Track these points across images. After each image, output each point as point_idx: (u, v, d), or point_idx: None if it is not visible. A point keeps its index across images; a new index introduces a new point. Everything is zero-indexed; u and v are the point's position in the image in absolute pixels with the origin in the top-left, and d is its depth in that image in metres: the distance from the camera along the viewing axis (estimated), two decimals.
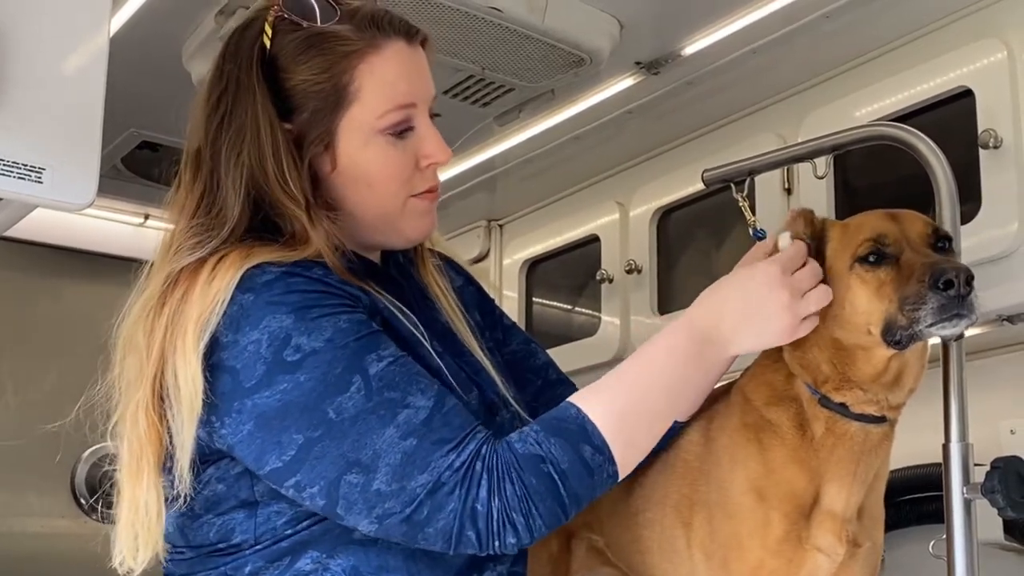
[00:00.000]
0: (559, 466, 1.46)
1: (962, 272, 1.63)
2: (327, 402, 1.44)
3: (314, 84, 1.59)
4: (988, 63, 2.43)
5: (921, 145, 1.95)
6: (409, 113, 1.63)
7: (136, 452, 1.54)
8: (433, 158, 1.66)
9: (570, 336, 3.61)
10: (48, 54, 1.86)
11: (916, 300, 1.64)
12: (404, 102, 1.62)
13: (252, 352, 1.46)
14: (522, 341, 1.95)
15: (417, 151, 1.65)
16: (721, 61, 2.80)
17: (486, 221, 3.92)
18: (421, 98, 1.64)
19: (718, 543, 1.84)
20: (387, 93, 1.60)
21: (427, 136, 1.65)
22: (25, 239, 3.50)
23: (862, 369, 1.76)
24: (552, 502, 1.46)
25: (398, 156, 1.63)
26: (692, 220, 3.24)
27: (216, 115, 1.62)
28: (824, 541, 1.80)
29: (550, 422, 1.51)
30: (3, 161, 1.78)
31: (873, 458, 1.82)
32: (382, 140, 1.62)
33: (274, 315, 1.46)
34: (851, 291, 1.73)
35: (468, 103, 2.95)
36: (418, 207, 1.68)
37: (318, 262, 1.56)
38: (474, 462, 1.44)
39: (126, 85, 2.06)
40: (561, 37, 2.62)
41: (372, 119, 1.60)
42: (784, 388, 1.84)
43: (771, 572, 1.80)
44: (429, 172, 1.67)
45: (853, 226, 1.79)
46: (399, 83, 1.61)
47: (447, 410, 1.48)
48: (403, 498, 1.43)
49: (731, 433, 1.87)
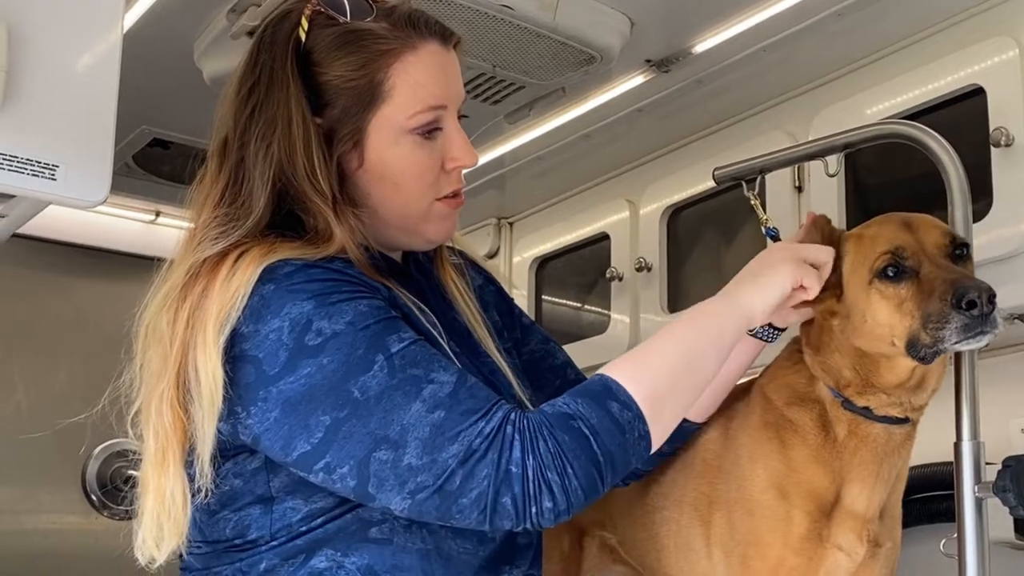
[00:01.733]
0: (589, 421, 1.46)
1: (984, 292, 1.62)
2: (351, 382, 1.44)
3: (348, 80, 1.60)
4: (1000, 61, 2.43)
5: (933, 143, 1.95)
6: (439, 115, 1.64)
7: (162, 442, 1.54)
8: (459, 161, 1.67)
9: (580, 334, 3.61)
10: (61, 52, 1.86)
11: (939, 319, 1.64)
12: (435, 103, 1.62)
13: (274, 340, 1.47)
14: (541, 341, 1.95)
15: (444, 153, 1.66)
16: (732, 59, 2.79)
17: (496, 219, 3.92)
18: (452, 100, 1.65)
19: (738, 540, 1.84)
20: (419, 94, 1.61)
21: (455, 139, 1.67)
22: (36, 236, 3.51)
23: (885, 377, 1.76)
24: (586, 459, 1.44)
25: (425, 157, 1.64)
26: (702, 218, 3.24)
27: (247, 106, 1.62)
28: (845, 540, 1.80)
29: (576, 390, 1.52)
30: (17, 158, 1.79)
31: (896, 458, 1.82)
32: (411, 140, 1.62)
33: (294, 302, 1.47)
34: (872, 306, 1.73)
35: (479, 101, 2.95)
36: (442, 211, 1.69)
37: (340, 257, 1.56)
38: (504, 426, 1.44)
39: (138, 83, 2.06)
40: (572, 35, 2.62)
41: (403, 119, 1.61)
42: (806, 390, 1.84)
43: (791, 570, 1.80)
44: (455, 175, 1.69)
45: (868, 237, 1.78)
46: (431, 84, 1.62)
47: (471, 384, 1.48)
48: (435, 470, 1.42)
49: (752, 431, 1.87)
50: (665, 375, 1.55)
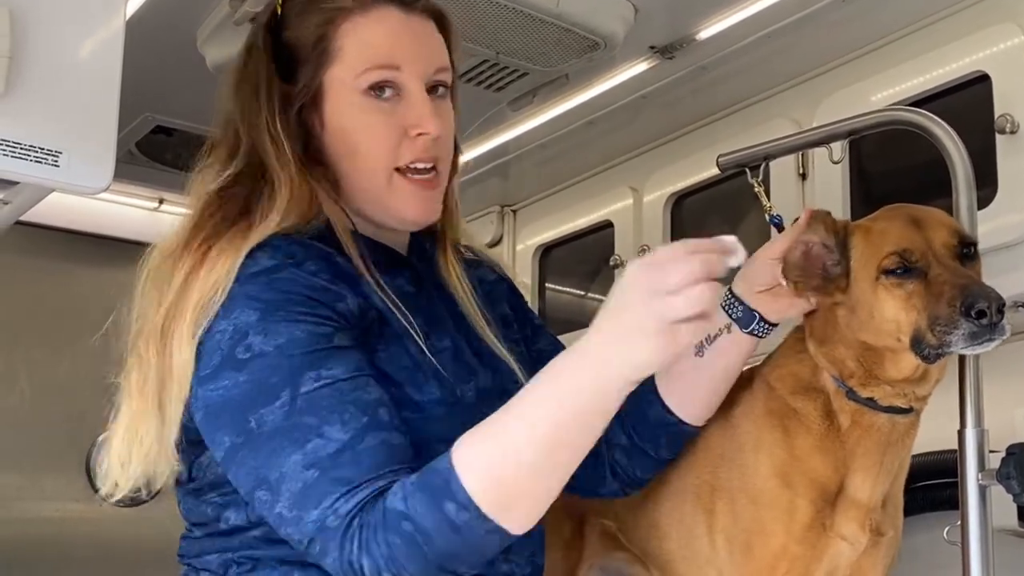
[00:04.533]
0: (422, 524, 1.35)
1: (994, 302, 1.61)
2: (252, 411, 1.43)
3: (304, 40, 1.63)
4: (1005, 47, 2.42)
5: (937, 130, 1.94)
6: (392, 75, 1.61)
7: (144, 373, 1.55)
8: (418, 127, 1.62)
9: (583, 322, 3.57)
10: (64, 39, 1.86)
11: (947, 323, 1.63)
12: (384, 62, 1.61)
13: (217, 341, 1.47)
14: (550, 342, 1.95)
15: (405, 119, 1.63)
16: (736, 46, 2.79)
17: (499, 206, 3.91)
18: (407, 62, 1.62)
19: (741, 528, 1.84)
20: (365, 53, 1.61)
21: (414, 103, 1.62)
22: (40, 223, 3.51)
23: (889, 371, 1.75)
24: (421, 562, 1.36)
25: (382, 120, 1.62)
26: (706, 206, 3.23)
27: (235, 84, 1.68)
28: (847, 529, 1.80)
29: (424, 473, 1.39)
30: (20, 145, 1.79)
31: (900, 448, 1.82)
32: (364, 101, 1.61)
33: (244, 308, 1.47)
34: (879, 302, 1.72)
35: (482, 88, 2.95)
36: (405, 186, 1.64)
37: (322, 250, 1.56)
38: (355, 514, 1.38)
39: (140, 70, 2.06)
40: (575, 21, 2.61)
41: (351, 78, 1.61)
42: (810, 379, 1.84)
43: (794, 558, 1.80)
44: (419, 144, 1.63)
45: (877, 232, 1.76)
46: (379, 44, 1.62)
47: (361, 448, 1.41)
48: (300, 528, 1.40)
49: (755, 420, 1.87)
50: (513, 464, 1.34)
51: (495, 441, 1.36)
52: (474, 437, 1.37)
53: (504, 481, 1.34)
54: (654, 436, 1.84)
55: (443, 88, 1.68)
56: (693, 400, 1.82)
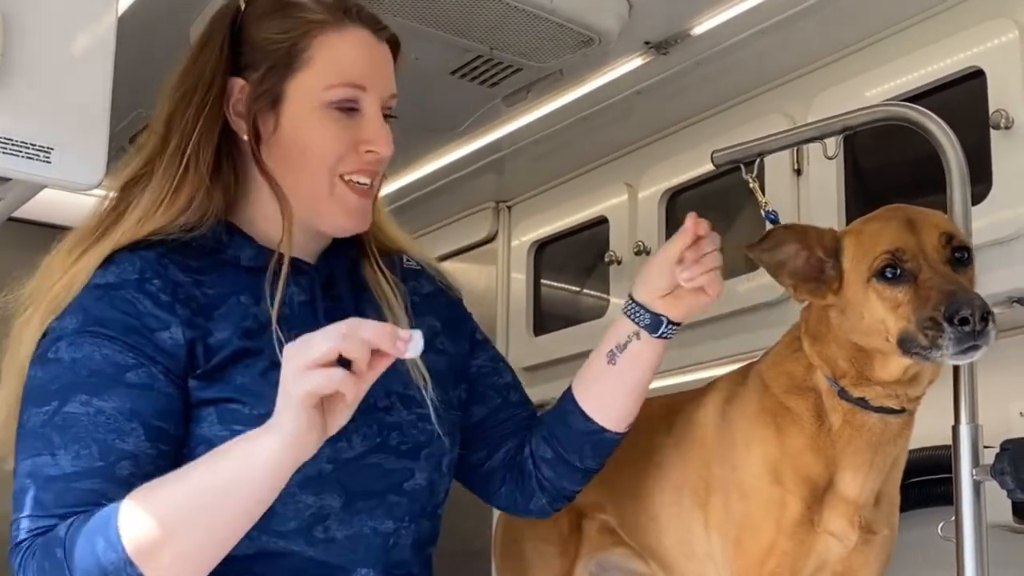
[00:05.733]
0: (72, 554, 1.38)
1: (977, 309, 1.61)
2: (28, 406, 1.51)
3: (272, 43, 1.66)
4: (999, 43, 2.42)
5: (932, 125, 1.94)
6: (357, 94, 1.66)
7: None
8: (372, 144, 1.67)
9: (578, 318, 3.61)
10: (56, 34, 1.86)
11: (934, 329, 1.63)
12: (353, 81, 1.65)
13: (47, 336, 1.55)
14: (489, 359, 1.94)
15: (359, 134, 1.67)
16: (731, 41, 2.78)
17: (494, 202, 3.91)
18: (374, 86, 1.67)
19: (733, 523, 1.85)
20: (337, 67, 1.65)
21: (373, 122, 1.67)
22: (32, 220, 3.50)
23: (879, 373, 1.76)
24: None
25: (338, 131, 1.65)
26: (701, 201, 3.23)
27: (187, 65, 1.72)
28: (836, 525, 1.81)
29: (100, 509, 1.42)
30: (11, 141, 1.78)
31: (892, 447, 1.82)
32: (326, 112, 1.65)
33: (73, 315, 1.54)
34: (869, 303, 1.72)
35: (476, 83, 2.94)
36: (346, 195, 1.68)
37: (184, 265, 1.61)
38: (32, 538, 1.44)
39: (133, 66, 2.05)
40: (570, 17, 2.61)
41: (319, 88, 1.64)
42: (804, 378, 1.85)
43: (784, 553, 1.81)
44: (366, 159, 1.68)
45: (869, 234, 1.77)
46: (352, 62, 1.66)
47: (75, 486, 1.45)
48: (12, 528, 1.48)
49: (749, 417, 1.88)
50: (164, 517, 1.36)
51: (157, 492, 1.39)
52: (151, 484, 1.41)
53: (152, 531, 1.36)
54: (578, 446, 1.86)
55: (392, 112, 1.73)
56: (612, 405, 1.84)
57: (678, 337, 1.83)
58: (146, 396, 1.51)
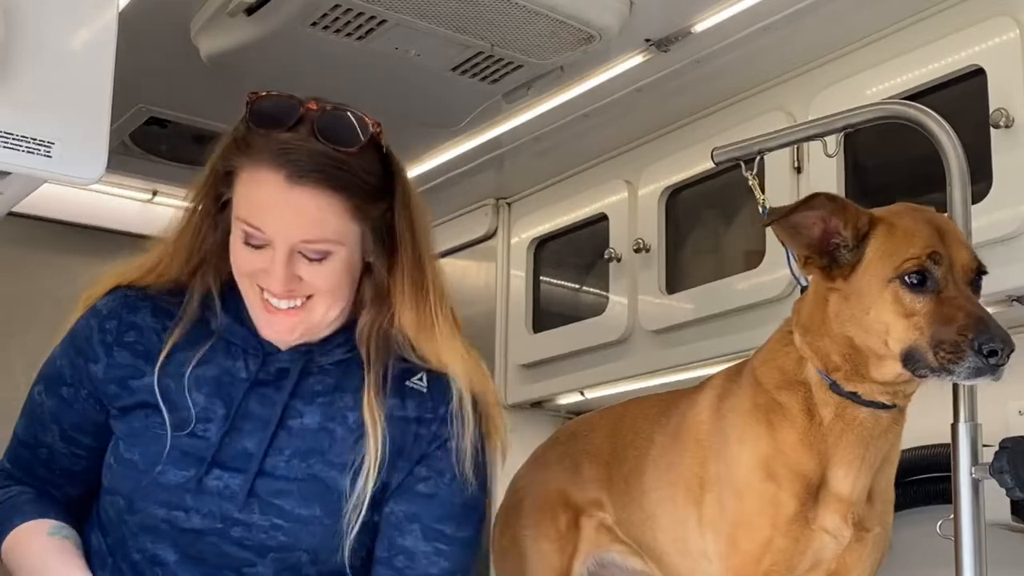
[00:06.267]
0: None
1: (1007, 345, 1.60)
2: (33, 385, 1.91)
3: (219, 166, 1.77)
4: (1000, 42, 2.42)
5: (932, 124, 1.94)
6: (257, 234, 1.69)
7: None
8: (266, 288, 1.73)
9: (578, 315, 3.61)
10: (57, 29, 1.85)
11: (953, 351, 1.62)
12: (252, 223, 1.70)
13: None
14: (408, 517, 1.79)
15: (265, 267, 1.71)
16: (731, 39, 2.78)
17: (494, 199, 3.90)
18: (274, 230, 1.69)
19: (727, 521, 1.85)
20: (242, 208, 1.72)
21: (271, 270, 1.70)
22: (33, 215, 3.50)
23: (872, 373, 1.75)
24: None
25: (248, 256, 1.73)
26: (701, 199, 3.23)
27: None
28: (830, 522, 1.81)
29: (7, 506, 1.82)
30: (12, 135, 1.78)
31: (882, 442, 1.82)
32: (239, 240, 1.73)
33: (75, 325, 1.89)
34: (881, 302, 1.70)
35: (476, 80, 2.94)
36: (261, 311, 1.75)
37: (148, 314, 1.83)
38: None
39: (134, 61, 2.05)
40: (570, 13, 2.61)
41: (235, 218, 1.73)
42: (795, 372, 1.84)
43: (778, 551, 1.80)
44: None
45: (902, 232, 1.73)
46: (254, 207, 1.70)
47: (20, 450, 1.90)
48: None
49: (742, 414, 1.88)
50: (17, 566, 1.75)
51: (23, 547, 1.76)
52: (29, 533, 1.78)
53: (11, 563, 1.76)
54: None
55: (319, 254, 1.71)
56: None
57: (678, 336, 1.83)
58: (66, 409, 1.84)
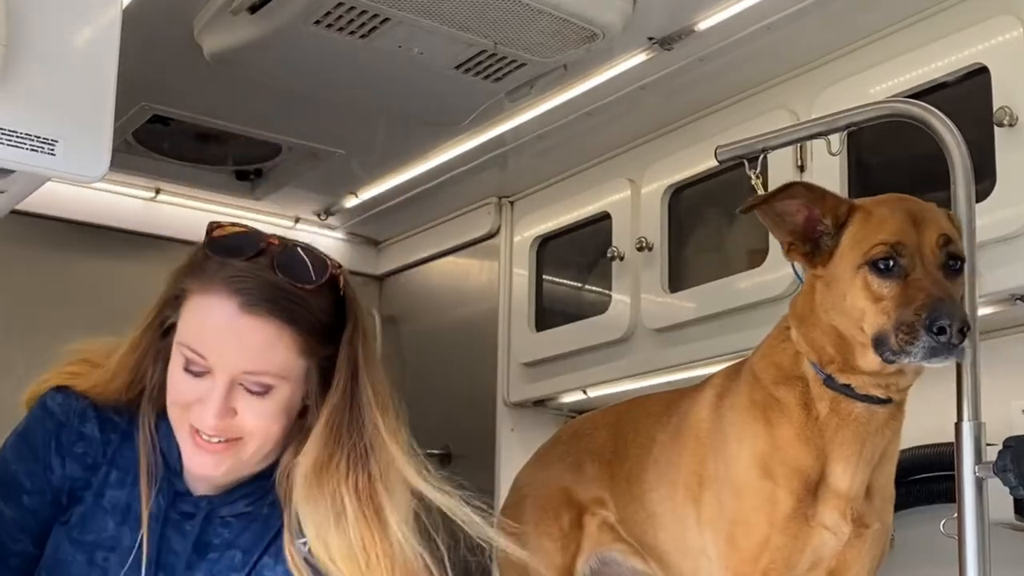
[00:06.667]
0: None
1: (956, 321, 1.61)
2: None
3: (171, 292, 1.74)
4: (1004, 40, 2.41)
5: (936, 122, 1.94)
6: (199, 360, 1.65)
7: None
8: (198, 424, 1.68)
9: (580, 314, 3.61)
10: (61, 27, 1.85)
11: (910, 332, 1.64)
12: (195, 349, 1.66)
13: None
14: None
15: (196, 404, 1.67)
16: (735, 37, 2.78)
17: (497, 198, 3.91)
18: (216, 359, 1.65)
19: (725, 519, 1.85)
20: (187, 332, 1.68)
21: (207, 401, 1.66)
22: (36, 212, 3.50)
23: (859, 362, 1.76)
24: None
25: (186, 386, 1.68)
26: (704, 197, 3.23)
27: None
28: (829, 519, 1.81)
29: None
30: (16, 133, 1.78)
31: (879, 438, 1.82)
32: (179, 367, 1.68)
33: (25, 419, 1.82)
34: (854, 288, 1.73)
35: (480, 78, 2.94)
36: (187, 442, 1.71)
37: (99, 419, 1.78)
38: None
39: (137, 59, 2.05)
40: (574, 11, 2.61)
41: (177, 343, 1.69)
42: (791, 367, 1.85)
43: (777, 548, 1.81)
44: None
45: (876, 219, 1.77)
46: (199, 333, 1.67)
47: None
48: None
49: (740, 411, 1.88)
50: None
51: None
52: None
53: None
54: None
55: (261, 387, 1.68)
56: None
57: (681, 334, 1.84)
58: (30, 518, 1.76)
